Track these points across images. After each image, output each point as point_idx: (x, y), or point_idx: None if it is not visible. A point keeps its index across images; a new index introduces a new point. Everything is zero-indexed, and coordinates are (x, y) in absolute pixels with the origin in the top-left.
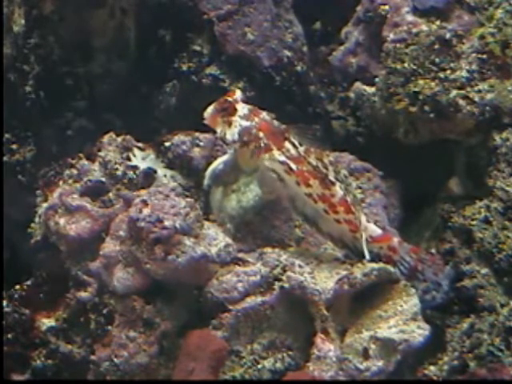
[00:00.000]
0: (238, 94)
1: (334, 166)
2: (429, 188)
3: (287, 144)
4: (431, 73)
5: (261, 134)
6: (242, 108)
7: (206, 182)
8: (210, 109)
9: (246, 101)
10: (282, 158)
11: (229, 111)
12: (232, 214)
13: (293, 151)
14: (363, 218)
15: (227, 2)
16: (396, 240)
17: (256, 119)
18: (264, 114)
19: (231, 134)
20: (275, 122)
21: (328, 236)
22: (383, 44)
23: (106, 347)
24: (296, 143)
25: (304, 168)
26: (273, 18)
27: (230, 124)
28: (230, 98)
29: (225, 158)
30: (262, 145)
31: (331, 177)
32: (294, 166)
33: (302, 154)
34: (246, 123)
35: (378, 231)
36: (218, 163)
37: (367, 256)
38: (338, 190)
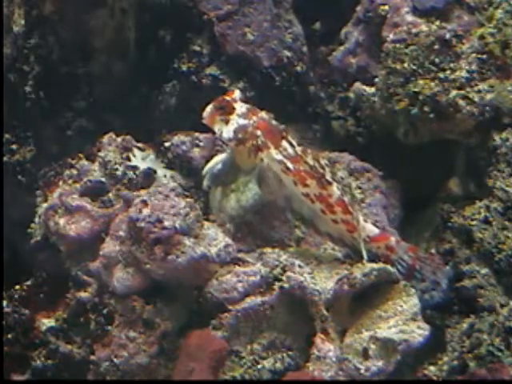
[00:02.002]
0: (237, 93)
1: (331, 167)
2: (429, 188)
3: (284, 143)
4: (431, 73)
5: (258, 132)
6: (240, 107)
7: (205, 182)
8: (208, 108)
9: (244, 100)
10: (279, 157)
11: (227, 110)
12: (232, 213)
13: (290, 150)
14: (361, 218)
15: (227, 3)
16: (394, 239)
17: (254, 118)
18: (262, 113)
19: (228, 131)
20: (273, 122)
21: (326, 235)
22: (383, 44)
23: (105, 347)
24: (293, 142)
25: (301, 167)
26: (273, 18)
27: (227, 122)
28: (228, 97)
29: (222, 156)
30: (260, 143)
31: (328, 177)
32: (290, 166)
33: (299, 153)
34: (243, 121)
35: (376, 231)
36: (215, 162)
37: (365, 256)
38: (335, 190)
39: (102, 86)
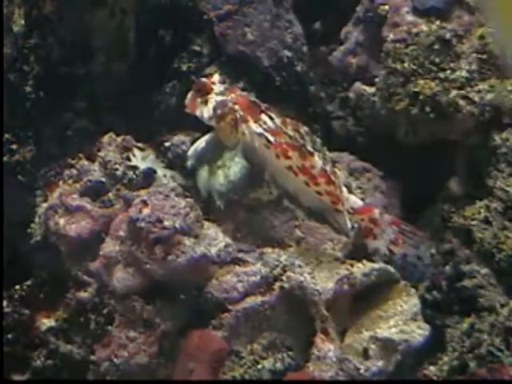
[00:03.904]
0: (216, 77)
1: (310, 136)
2: (429, 188)
3: (264, 116)
4: (431, 73)
5: (236, 107)
6: (218, 87)
7: (189, 162)
8: (188, 95)
9: (223, 82)
10: (259, 130)
11: (205, 91)
12: (221, 190)
13: (270, 123)
14: (344, 189)
15: (227, 2)
16: (377, 211)
17: (232, 95)
18: (240, 92)
19: (207, 110)
20: (252, 98)
21: (308, 210)
22: (383, 44)
23: (105, 347)
24: (273, 115)
25: (282, 140)
26: (273, 18)
27: (206, 103)
28: (206, 80)
29: (206, 137)
30: (238, 116)
31: (309, 147)
32: (271, 138)
33: (278, 125)
34: (221, 98)
35: (360, 202)
36: (199, 143)
37: (349, 225)
38: (317, 160)
39: (102, 86)
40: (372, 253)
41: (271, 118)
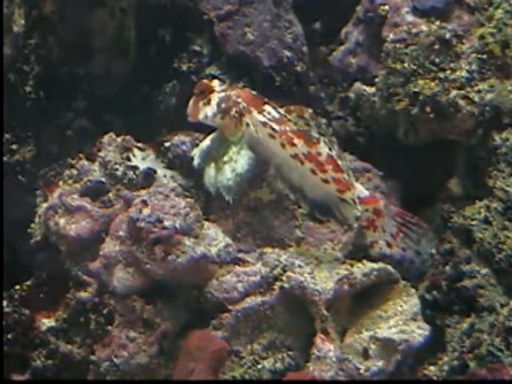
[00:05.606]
0: (215, 81)
1: (316, 120)
2: (429, 188)
3: (267, 107)
4: (431, 73)
5: (239, 100)
6: (220, 86)
7: (195, 161)
8: (190, 103)
9: (223, 83)
10: (264, 119)
11: (207, 92)
12: (229, 184)
13: (274, 113)
14: (352, 178)
15: (227, 2)
16: (382, 203)
17: (234, 91)
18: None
19: (211, 108)
20: (254, 92)
21: (312, 203)
22: (383, 44)
23: (105, 347)
24: (276, 106)
25: (287, 128)
26: (273, 18)
27: (209, 102)
28: (207, 81)
29: (210, 136)
30: (241, 107)
31: (314, 133)
32: (276, 127)
33: (282, 113)
34: (224, 94)
35: (366, 192)
36: (204, 142)
37: (355, 214)
38: (323, 147)
39: (102, 86)
40: (369, 245)
41: (274, 108)
